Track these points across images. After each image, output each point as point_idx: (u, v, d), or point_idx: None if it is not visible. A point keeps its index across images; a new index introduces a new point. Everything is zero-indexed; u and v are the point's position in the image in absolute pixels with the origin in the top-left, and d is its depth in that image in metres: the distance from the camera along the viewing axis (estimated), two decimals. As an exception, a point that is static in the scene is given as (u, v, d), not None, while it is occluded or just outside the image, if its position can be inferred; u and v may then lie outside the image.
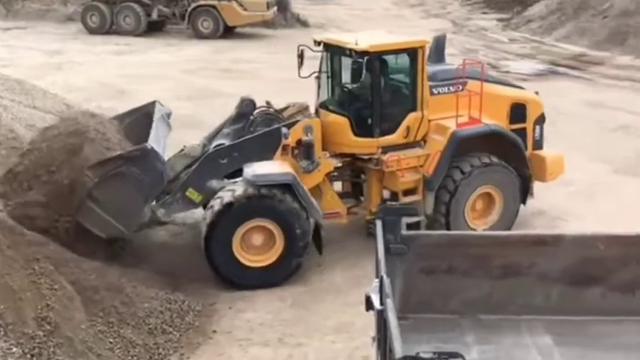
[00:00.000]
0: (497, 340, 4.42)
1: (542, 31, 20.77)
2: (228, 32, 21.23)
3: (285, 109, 8.14)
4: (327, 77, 7.95)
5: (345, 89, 7.89)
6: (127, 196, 7.00)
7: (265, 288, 7.10)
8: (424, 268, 4.61)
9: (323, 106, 7.84)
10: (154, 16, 20.87)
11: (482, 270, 4.60)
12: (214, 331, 6.45)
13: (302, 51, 8.01)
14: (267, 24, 22.07)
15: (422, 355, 2.73)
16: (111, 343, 5.63)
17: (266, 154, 7.33)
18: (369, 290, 3.92)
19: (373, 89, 7.43)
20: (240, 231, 6.98)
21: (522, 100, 8.17)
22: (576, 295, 4.66)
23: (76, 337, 5.16)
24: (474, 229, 7.49)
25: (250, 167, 7.13)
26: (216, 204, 6.96)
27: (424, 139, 7.68)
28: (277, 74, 16.03)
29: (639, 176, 10.29)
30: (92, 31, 20.64)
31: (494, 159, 7.71)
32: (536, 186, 8.26)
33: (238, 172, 7.26)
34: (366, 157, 7.60)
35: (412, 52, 7.54)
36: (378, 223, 4.37)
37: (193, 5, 20.49)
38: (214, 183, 7.25)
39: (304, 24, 23.41)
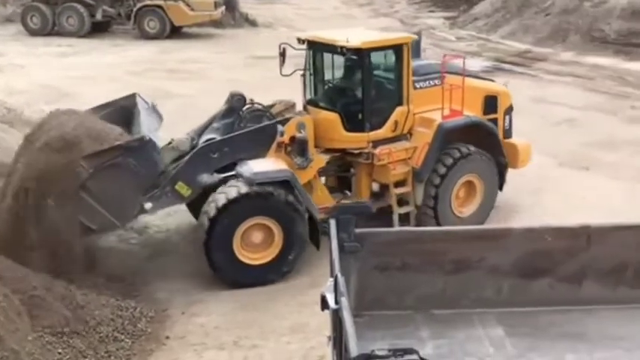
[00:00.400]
0: (451, 333, 4.48)
1: (488, 29, 21.23)
2: (175, 32, 20.93)
3: (272, 106, 8.15)
4: (311, 74, 8.05)
5: (335, 86, 8.14)
6: (121, 188, 6.85)
7: (263, 285, 7.11)
8: (378, 266, 4.63)
9: (312, 103, 7.94)
10: (99, 16, 20.38)
11: (434, 265, 4.65)
12: (167, 337, 6.34)
13: (284, 49, 8.07)
14: (215, 24, 21.85)
15: (377, 352, 2.73)
16: (60, 353, 5.48)
17: (257, 150, 7.39)
18: (324, 289, 3.91)
19: (364, 85, 7.66)
20: (241, 229, 7.02)
21: (494, 92, 8.63)
22: (525, 286, 4.76)
23: (22, 350, 5.00)
24: (459, 217, 8.00)
25: (247, 165, 7.16)
26: (218, 201, 6.92)
27: (410, 132, 7.97)
28: (226, 74, 15.89)
29: (583, 169, 10.66)
30: (33, 33, 20.01)
31: (474, 148, 8.07)
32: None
33: (228, 167, 7.21)
34: (356, 151, 7.77)
35: (399, 49, 7.78)
36: (332, 222, 4.37)
37: (139, 5, 20.11)
38: (205, 177, 7.19)
39: (253, 23, 23.28)
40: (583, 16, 19.72)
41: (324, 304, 3.89)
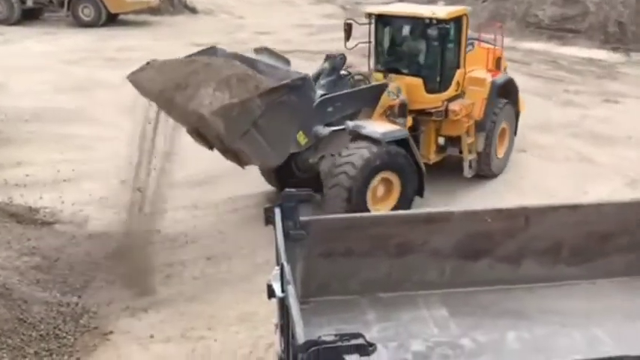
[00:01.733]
0: (397, 316, 4.56)
1: (427, 16, 21.51)
2: (112, 20, 20.34)
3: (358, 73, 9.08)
4: (380, 46, 9.15)
5: (415, 54, 9.17)
6: (284, 125, 7.25)
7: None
8: (323, 252, 4.66)
9: (392, 70, 8.96)
10: (30, 3, 19.60)
11: (378, 250, 4.71)
12: (111, 332, 6.19)
13: (349, 25, 9.04)
14: (153, 11, 21.36)
15: (323, 338, 2.74)
16: (-3, 354, 5.29)
17: (364, 108, 8.36)
18: (270, 278, 3.90)
19: (443, 52, 8.89)
20: (372, 184, 7.86)
21: (499, 54, 10.06)
22: (467, 267, 4.89)
23: (-43, 351, 4.79)
24: (499, 158, 9.74)
25: (369, 126, 8.05)
26: (354, 161, 7.71)
27: (463, 91, 9.24)
28: (166, 62, 15.53)
29: (522, 151, 10.99)
30: (-41, 20, 19.14)
31: (505, 100, 9.73)
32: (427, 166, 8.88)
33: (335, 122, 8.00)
34: (432, 110, 8.88)
35: (461, 19, 9.06)
36: (277, 211, 4.36)
37: (73, -9, 19.47)
38: (320, 129, 7.79)
39: (192, 10, 22.88)
40: (519, 3, 20.26)
41: (271, 292, 3.88)
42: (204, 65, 7.28)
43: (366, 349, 2.77)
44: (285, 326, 3.55)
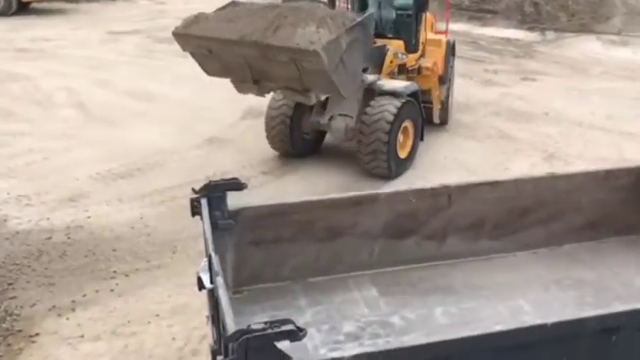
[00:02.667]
0: (328, 299, 4.61)
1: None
2: (23, 9, 19.40)
3: None
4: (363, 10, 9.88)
5: (395, 19, 10.24)
6: (357, 62, 7.98)
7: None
8: (253, 240, 4.65)
9: (378, 35, 9.54)
10: None
11: (308, 235, 4.74)
12: (37, 334, 5.97)
13: None
14: (68, -2, 20.53)
15: (253, 326, 2.74)
16: None
17: (370, 65, 9.14)
18: (199, 270, 3.86)
19: (417, 16, 10.13)
20: (398, 131, 9.07)
21: (433, 21, 11.42)
22: (395, 247, 4.99)
23: None
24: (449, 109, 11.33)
25: (389, 83, 9.29)
26: (386, 114, 8.83)
27: (423, 51, 10.59)
28: (81, 52, 15.01)
29: (445, 130, 11.29)
30: None
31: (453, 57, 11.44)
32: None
33: None
34: (410, 68, 10.19)
35: None
36: (204, 201, 4.30)
37: (-22, -21, 18.42)
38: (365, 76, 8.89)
39: (110, -3, 22.15)
40: (440, -16, 20.67)
41: (201, 284, 3.84)
42: (291, 9, 7.88)
43: (297, 334, 2.79)
44: (216, 317, 3.53)
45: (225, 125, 11.62)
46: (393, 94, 9.15)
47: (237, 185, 4.37)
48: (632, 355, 3.44)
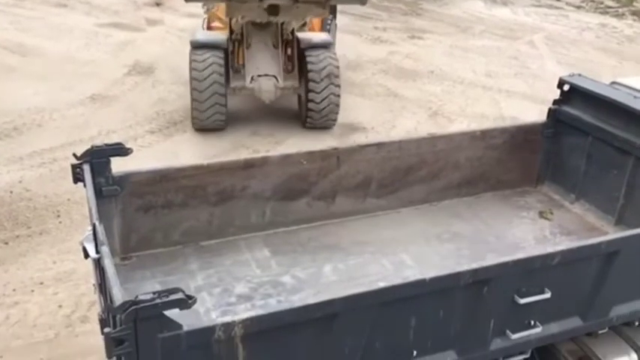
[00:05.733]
0: (220, 261, 4.63)
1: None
2: None
3: None
4: None
5: None
6: None
7: None
8: (141, 206, 4.55)
9: None
10: None
11: (198, 199, 4.71)
12: None
13: None
14: None
15: (141, 297, 2.72)
16: None
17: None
18: (83, 239, 3.75)
19: None
20: None
21: None
22: (286, 208, 5.07)
23: None
24: None
25: (306, 35, 9.74)
26: (331, 64, 9.40)
27: None
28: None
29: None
30: None
31: (332, 15, 11.29)
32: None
33: None
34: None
35: None
36: (86, 167, 4.14)
37: None
38: None
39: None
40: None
41: (86, 253, 3.74)
42: None
43: (186, 302, 2.80)
44: (104, 287, 3.46)
45: (109, 81, 11.10)
46: (325, 46, 9.25)
47: (121, 150, 4.23)
48: (500, 303, 3.76)
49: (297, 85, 9.33)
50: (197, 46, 8.99)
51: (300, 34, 9.43)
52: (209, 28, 10.17)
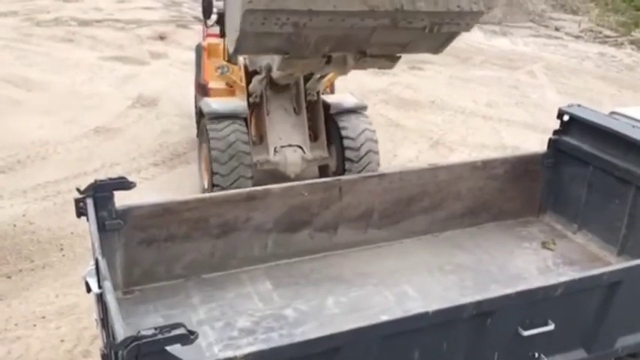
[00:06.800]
0: (222, 295, 4.64)
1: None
2: None
3: None
4: None
5: None
6: None
7: None
8: (144, 239, 4.57)
9: None
10: None
11: (200, 232, 4.73)
12: None
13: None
14: None
15: (143, 332, 2.73)
16: None
17: None
18: (86, 273, 3.76)
19: None
20: None
21: None
22: (288, 240, 5.09)
23: None
24: None
25: (332, 99, 8.46)
26: (367, 129, 8.28)
27: None
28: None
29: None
30: None
31: None
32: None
33: None
34: None
35: None
36: (89, 202, 4.17)
37: None
38: None
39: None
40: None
41: (89, 288, 3.75)
42: None
43: (188, 337, 2.81)
44: (106, 321, 3.47)
45: (112, 114, 11.19)
46: (358, 111, 8.18)
47: (124, 184, 4.27)
48: (504, 336, 3.74)
49: (325, 154, 8.12)
50: (214, 117, 7.63)
51: (327, 97, 8.33)
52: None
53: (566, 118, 5.73)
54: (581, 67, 16.50)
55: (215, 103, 7.87)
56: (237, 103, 7.91)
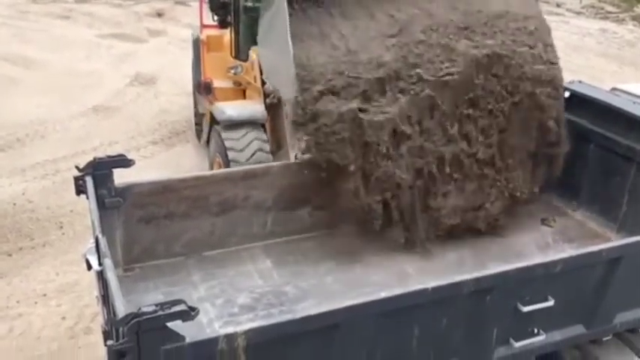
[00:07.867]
0: (222, 272, 4.64)
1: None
2: None
3: None
4: None
5: None
6: None
7: None
8: (143, 217, 4.56)
9: None
10: None
11: (200, 210, 4.71)
12: None
13: None
14: None
15: (143, 309, 2.73)
16: None
17: None
18: (86, 251, 3.76)
19: None
20: None
21: None
22: (288, 218, 5.08)
23: None
24: None
25: None
26: None
27: None
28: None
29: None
30: None
31: None
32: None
33: None
34: None
35: None
36: (89, 179, 4.16)
37: None
38: None
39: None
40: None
41: (89, 265, 3.75)
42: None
43: (189, 313, 2.81)
44: (107, 298, 3.47)
45: (111, 92, 11.14)
46: None
47: (123, 162, 4.25)
48: (503, 312, 3.75)
49: None
50: (230, 125, 6.90)
51: None
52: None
53: (566, 94, 5.68)
54: (583, 44, 16.39)
55: (230, 109, 7.06)
56: (254, 107, 7.09)
